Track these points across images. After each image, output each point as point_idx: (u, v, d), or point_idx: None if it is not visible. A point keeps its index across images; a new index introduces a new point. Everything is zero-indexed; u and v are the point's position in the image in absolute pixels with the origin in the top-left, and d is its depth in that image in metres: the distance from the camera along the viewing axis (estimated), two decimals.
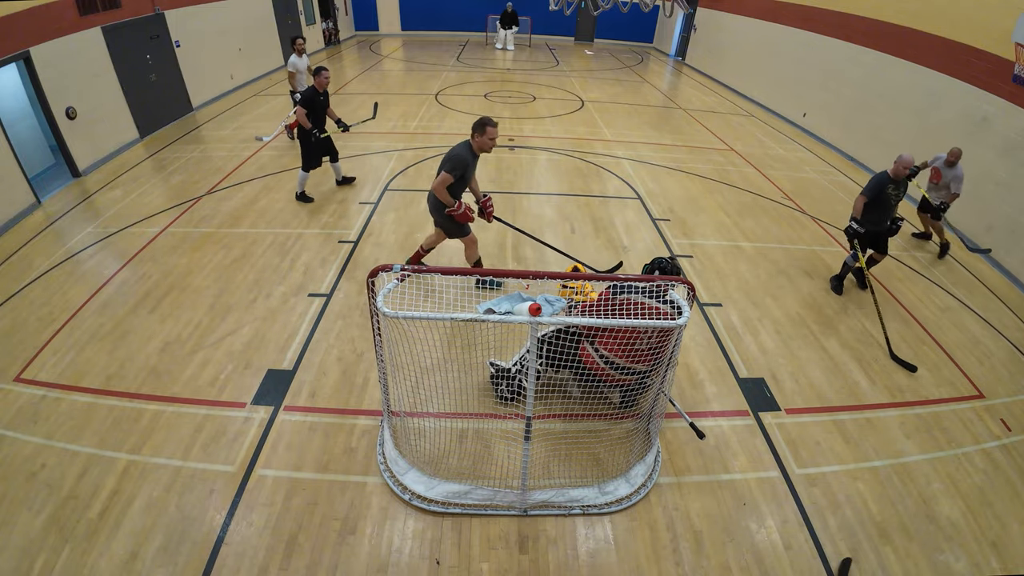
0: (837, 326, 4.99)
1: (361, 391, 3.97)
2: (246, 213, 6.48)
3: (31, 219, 6.30)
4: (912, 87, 8.04)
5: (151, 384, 3.94)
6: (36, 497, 3.10)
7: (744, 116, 12.18)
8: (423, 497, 3.17)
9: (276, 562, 2.83)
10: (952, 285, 5.87)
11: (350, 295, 5.03)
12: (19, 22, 6.43)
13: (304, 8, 15.75)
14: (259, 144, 8.68)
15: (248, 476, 3.29)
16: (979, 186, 6.66)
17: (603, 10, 12.17)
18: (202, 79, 10.65)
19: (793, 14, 11.67)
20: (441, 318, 2.53)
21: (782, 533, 3.13)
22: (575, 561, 2.93)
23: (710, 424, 3.86)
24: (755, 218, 7.03)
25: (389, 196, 7.10)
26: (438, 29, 21.23)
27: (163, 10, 9.35)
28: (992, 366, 4.65)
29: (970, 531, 3.21)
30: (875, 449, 3.73)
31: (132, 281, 5.13)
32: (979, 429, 3.97)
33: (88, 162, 7.59)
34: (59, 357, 4.17)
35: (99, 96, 7.85)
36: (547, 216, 6.76)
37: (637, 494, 3.26)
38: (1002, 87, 6.45)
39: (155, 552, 2.84)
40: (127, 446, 3.44)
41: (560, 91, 13.39)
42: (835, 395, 4.19)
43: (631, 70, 16.85)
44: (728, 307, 5.16)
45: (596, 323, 2.65)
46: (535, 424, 3.27)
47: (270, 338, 4.44)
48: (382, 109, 11.05)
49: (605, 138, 9.93)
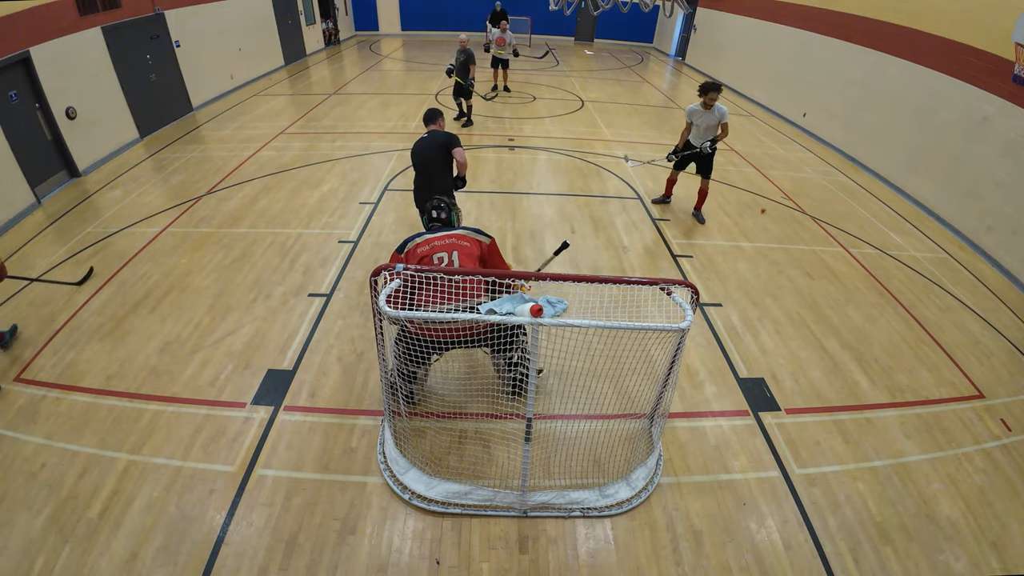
0: (837, 326, 4.99)
1: (361, 391, 3.97)
2: (246, 213, 6.48)
3: (31, 219, 6.30)
4: (912, 87, 8.04)
5: (151, 384, 3.94)
6: (36, 497, 3.10)
7: (744, 116, 12.18)
8: (423, 497, 3.17)
9: (276, 562, 2.83)
10: (952, 285, 5.87)
11: (350, 295, 5.03)
12: (19, 22, 6.43)
13: (304, 8, 15.75)
14: (251, 146, 8.67)
15: (248, 476, 3.29)
16: (979, 186, 6.66)
17: (603, 10, 12.18)
18: (202, 79, 10.65)
19: (793, 14, 11.67)
20: (442, 318, 2.53)
21: (782, 533, 3.13)
22: (575, 561, 2.93)
23: (710, 424, 3.86)
24: (755, 218, 7.03)
25: (389, 196, 7.10)
26: (438, 29, 21.24)
27: (163, 10, 9.35)
28: (992, 366, 4.65)
29: (970, 531, 3.22)
30: (875, 449, 3.73)
31: (132, 281, 5.13)
32: (979, 429, 3.97)
33: (88, 162, 7.59)
34: (59, 357, 4.17)
35: (99, 96, 7.85)
36: (547, 216, 6.76)
37: (638, 498, 3.25)
38: (1002, 87, 6.45)
39: (155, 552, 2.85)
40: (127, 446, 3.44)
41: (560, 91, 13.39)
42: (835, 395, 4.19)
43: (631, 70, 16.85)
44: (728, 307, 5.16)
45: (596, 325, 2.65)
46: (535, 424, 3.28)
47: (270, 338, 4.44)
48: (382, 109, 11.07)
49: (605, 138, 9.93)
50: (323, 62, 15.80)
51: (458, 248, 3.52)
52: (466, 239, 3.58)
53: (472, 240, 3.60)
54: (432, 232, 3.64)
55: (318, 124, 9.99)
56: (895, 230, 7.07)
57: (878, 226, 7.12)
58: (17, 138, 6.34)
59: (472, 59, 9.45)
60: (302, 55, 15.83)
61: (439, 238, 3.55)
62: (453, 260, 3.49)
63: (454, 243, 3.54)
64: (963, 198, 6.97)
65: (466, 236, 3.60)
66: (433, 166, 4.92)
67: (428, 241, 3.54)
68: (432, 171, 4.94)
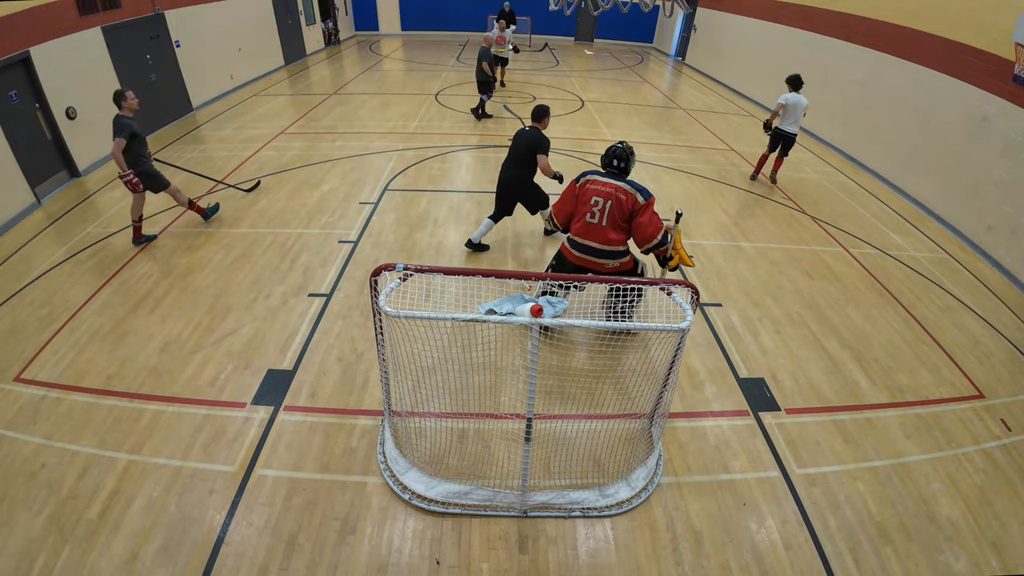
0: (837, 326, 4.99)
1: (361, 391, 3.97)
2: (246, 213, 6.48)
3: (31, 219, 6.30)
4: (912, 87, 8.04)
5: (151, 384, 3.94)
6: (36, 497, 3.10)
7: (744, 116, 12.18)
8: (423, 497, 3.17)
9: (276, 562, 2.83)
10: (952, 285, 5.87)
11: (350, 295, 5.03)
12: (19, 22, 6.43)
13: (304, 8, 15.76)
14: (251, 146, 8.67)
15: (248, 476, 3.29)
16: (979, 186, 6.66)
17: (603, 10, 12.18)
18: (202, 79, 10.65)
19: (793, 14, 11.67)
20: (443, 318, 2.53)
21: (782, 533, 3.13)
22: (575, 561, 2.93)
23: (710, 424, 3.86)
24: (755, 218, 7.03)
25: (389, 196, 7.10)
26: (438, 29, 21.24)
27: (163, 10, 9.35)
28: (992, 366, 4.65)
29: (970, 531, 3.22)
30: (875, 449, 3.73)
31: (132, 281, 5.13)
32: (979, 429, 3.97)
33: (88, 162, 7.59)
34: (59, 357, 4.17)
35: (99, 96, 7.81)
36: None
37: (638, 498, 3.25)
38: (1002, 87, 6.45)
39: (155, 552, 2.85)
40: (127, 446, 3.44)
41: (560, 91, 13.39)
42: (835, 395, 4.19)
43: (631, 70, 16.85)
44: (728, 307, 5.16)
45: (596, 325, 2.65)
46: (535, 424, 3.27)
47: (270, 338, 4.44)
48: (382, 109, 11.07)
49: (605, 138, 9.93)
50: (323, 62, 15.80)
51: (613, 199, 3.96)
52: (624, 192, 3.94)
53: (628, 195, 3.94)
54: (604, 176, 4.06)
55: (318, 124, 9.99)
56: (895, 230, 7.07)
57: (878, 226, 7.12)
58: (17, 138, 6.34)
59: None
60: (302, 55, 15.84)
61: (604, 184, 4.01)
62: (605, 207, 3.96)
63: (612, 193, 3.96)
64: (963, 198, 6.97)
65: (624, 190, 3.95)
66: (516, 158, 5.41)
67: (597, 181, 4.03)
68: (514, 162, 5.44)
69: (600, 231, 4.01)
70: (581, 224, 4.08)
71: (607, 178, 4.03)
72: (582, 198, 4.07)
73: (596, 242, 4.05)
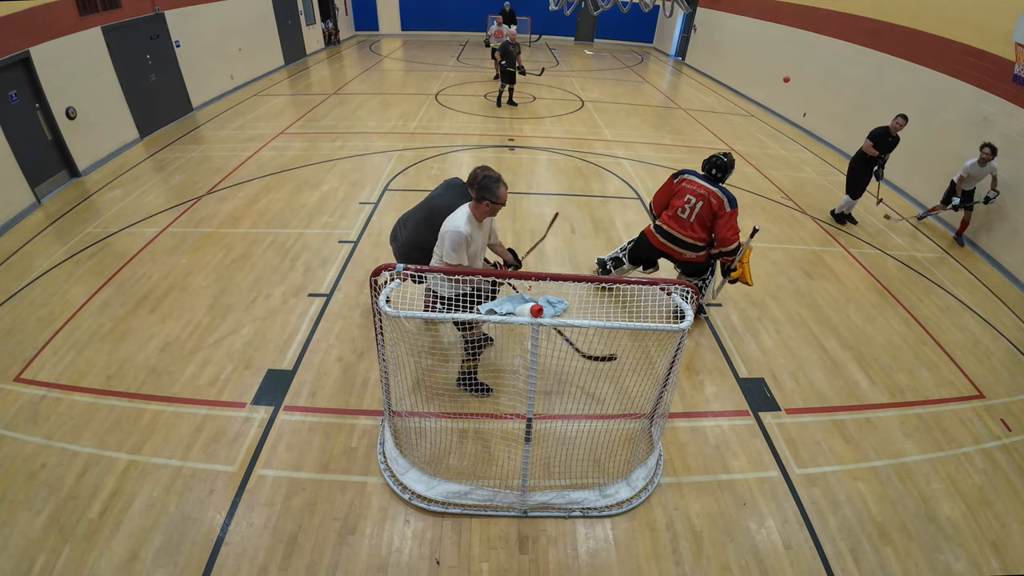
0: (837, 326, 4.99)
1: (361, 391, 3.97)
2: (246, 213, 6.48)
3: (31, 219, 6.30)
4: (912, 87, 8.04)
5: (151, 384, 3.94)
6: (36, 497, 3.10)
7: (744, 116, 12.18)
8: (423, 497, 3.17)
9: (276, 562, 2.83)
10: (952, 285, 5.87)
11: (350, 295, 5.03)
12: (19, 22, 6.43)
13: (304, 8, 15.75)
14: (251, 146, 8.67)
15: (248, 476, 3.29)
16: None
17: (603, 10, 12.18)
18: (202, 79, 10.64)
19: (793, 14, 11.67)
20: (443, 318, 2.53)
21: (782, 533, 3.13)
22: (575, 561, 2.93)
23: (710, 424, 3.86)
24: (755, 218, 7.03)
25: (389, 196, 7.10)
26: (438, 29, 21.24)
27: (163, 10, 9.34)
28: (992, 366, 4.65)
29: (970, 531, 3.22)
30: (875, 449, 3.73)
31: (132, 281, 5.13)
32: (979, 429, 3.97)
33: (88, 162, 7.59)
34: (59, 357, 4.17)
35: (99, 96, 7.85)
36: (547, 216, 6.74)
37: (638, 498, 3.25)
38: (1002, 87, 6.45)
39: (155, 552, 2.85)
40: (127, 446, 3.44)
41: (560, 91, 13.39)
42: (835, 395, 4.19)
43: (631, 70, 16.85)
44: (728, 307, 5.16)
45: (596, 325, 2.64)
46: (535, 424, 3.27)
47: (270, 338, 4.44)
48: (382, 109, 11.08)
49: (605, 138, 9.93)
50: (323, 62, 15.80)
51: (704, 200, 4.28)
52: (715, 196, 4.25)
53: (719, 200, 4.24)
54: (701, 178, 4.37)
55: (318, 124, 9.99)
56: (895, 230, 7.07)
57: (878, 226, 7.12)
58: (17, 138, 6.34)
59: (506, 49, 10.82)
60: (302, 55, 15.83)
61: (699, 186, 4.33)
62: (696, 206, 4.30)
63: (704, 196, 4.28)
64: None
65: (716, 194, 4.26)
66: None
67: (693, 182, 4.37)
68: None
69: (688, 225, 4.39)
70: (671, 216, 4.46)
71: (703, 181, 4.35)
72: (678, 194, 4.43)
73: (681, 234, 4.43)
